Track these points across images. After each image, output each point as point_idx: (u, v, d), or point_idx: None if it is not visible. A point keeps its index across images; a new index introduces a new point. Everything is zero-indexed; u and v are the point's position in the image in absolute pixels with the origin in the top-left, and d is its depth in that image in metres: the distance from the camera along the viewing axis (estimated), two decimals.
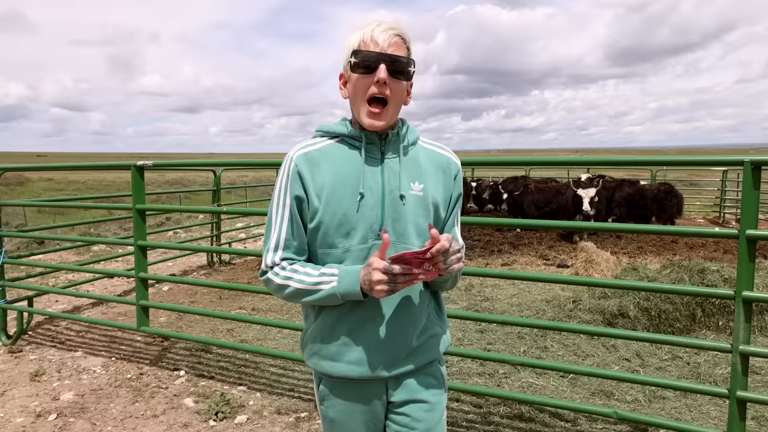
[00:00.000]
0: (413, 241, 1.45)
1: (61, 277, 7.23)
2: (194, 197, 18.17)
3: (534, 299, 5.68)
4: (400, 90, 1.41)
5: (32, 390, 3.93)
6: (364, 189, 1.42)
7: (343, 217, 1.41)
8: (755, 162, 2.21)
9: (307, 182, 1.43)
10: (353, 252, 1.42)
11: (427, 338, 1.53)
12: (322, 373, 1.53)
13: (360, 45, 1.39)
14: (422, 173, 1.49)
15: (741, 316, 2.33)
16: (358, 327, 1.45)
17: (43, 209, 15.94)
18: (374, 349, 1.45)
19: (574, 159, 3.00)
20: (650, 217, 10.47)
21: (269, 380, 4.04)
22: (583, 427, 3.21)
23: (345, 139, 1.49)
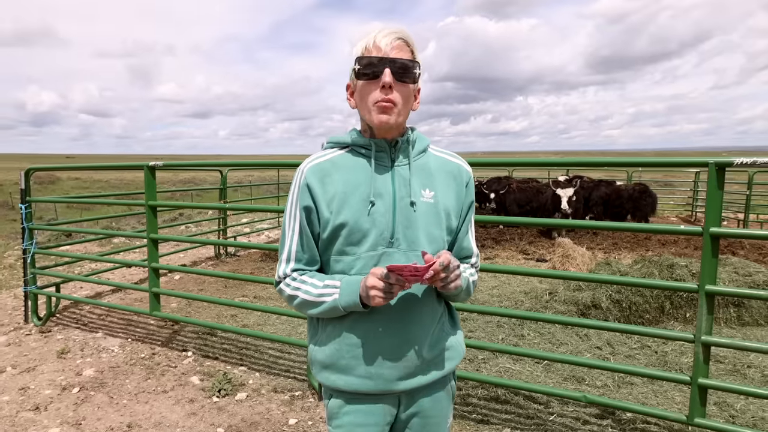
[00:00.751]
0: (425, 248, 1.32)
1: (86, 266, 7.22)
2: (205, 195, 18.16)
3: (513, 291, 5.59)
4: (407, 93, 1.29)
5: (59, 366, 3.96)
6: (374, 196, 1.30)
7: (354, 224, 1.29)
8: (719, 164, 2.12)
9: (317, 194, 1.32)
10: (363, 259, 1.30)
11: (442, 350, 1.39)
12: (334, 389, 1.38)
13: (363, 52, 1.28)
14: (433, 180, 1.37)
15: (704, 308, 2.25)
16: (368, 338, 1.31)
17: (71, 205, 15.91)
18: (387, 361, 1.31)
19: (552, 160, 2.92)
20: (626, 216, 10.34)
21: (267, 361, 3.99)
22: (555, 410, 3.14)
23: (355, 148, 1.37)
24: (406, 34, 1.28)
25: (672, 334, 2.44)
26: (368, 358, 1.31)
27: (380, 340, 1.30)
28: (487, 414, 3.12)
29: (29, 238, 4.84)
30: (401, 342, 1.31)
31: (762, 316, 4.47)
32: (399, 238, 1.30)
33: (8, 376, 3.78)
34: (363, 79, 1.28)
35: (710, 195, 2.13)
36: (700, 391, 2.33)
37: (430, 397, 1.39)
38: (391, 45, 1.25)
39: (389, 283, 1.17)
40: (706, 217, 2.18)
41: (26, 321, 4.97)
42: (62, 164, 5.62)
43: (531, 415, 3.09)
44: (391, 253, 1.29)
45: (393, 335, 1.31)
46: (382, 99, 1.25)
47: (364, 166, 1.34)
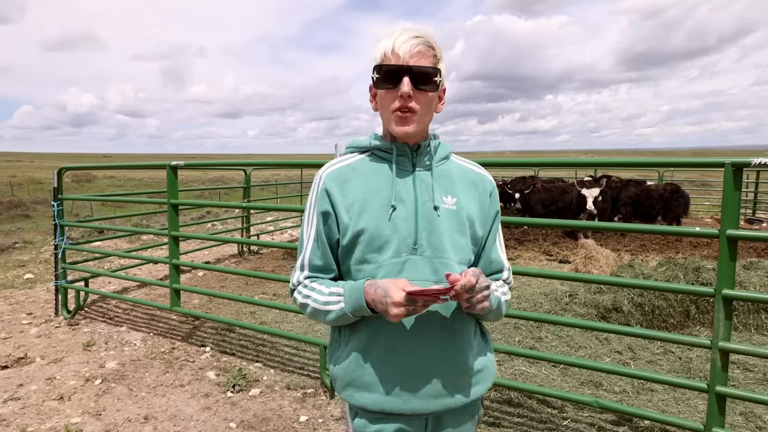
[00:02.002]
0: (450, 255, 1.25)
1: (115, 262, 7.46)
2: (232, 193, 18.56)
3: (533, 292, 5.50)
4: (426, 101, 1.23)
5: (84, 358, 4.11)
6: (396, 201, 1.25)
7: (375, 230, 1.24)
8: (736, 164, 2.03)
9: (336, 199, 1.27)
10: (386, 267, 1.23)
11: (478, 371, 1.31)
12: (358, 407, 1.29)
13: (382, 58, 1.23)
14: (455, 188, 1.31)
15: (721, 313, 2.16)
16: (392, 354, 1.23)
17: (106, 202, 16.49)
18: (412, 380, 1.23)
19: (573, 160, 2.84)
20: (656, 217, 10.02)
21: (283, 358, 4.04)
22: (569, 415, 3.07)
23: (375, 152, 1.32)
24: (427, 38, 1.22)
25: (688, 340, 2.35)
26: (393, 375, 1.24)
27: (405, 356, 1.23)
28: (498, 417, 3.08)
29: (60, 234, 5.04)
30: (432, 359, 1.24)
31: None
32: (423, 244, 1.24)
33: (37, 366, 3.95)
34: (382, 88, 1.23)
35: (727, 196, 2.05)
36: (718, 399, 2.24)
37: (456, 424, 1.31)
38: (410, 52, 1.19)
39: (411, 306, 1.10)
40: (722, 219, 2.09)
41: (56, 314, 5.17)
42: (96, 163, 5.84)
43: (544, 419, 3.04)
44: (415, 261, 1.23)
45: (418, 352, 1.23)
46: (401, 107, 1.21)
47: (385, 171, 1.29)
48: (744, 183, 12.69)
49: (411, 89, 1.19)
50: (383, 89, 1.23)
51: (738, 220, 2.08)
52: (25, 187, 24.12)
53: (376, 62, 1.24)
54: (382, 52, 1.22)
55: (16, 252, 8.79)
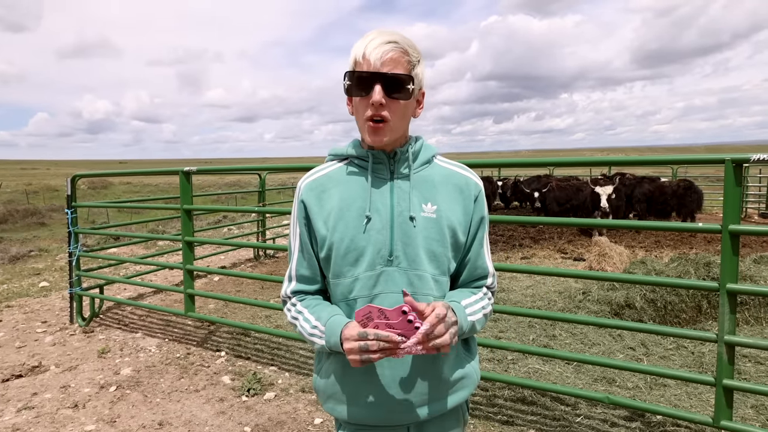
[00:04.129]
0: (426, 267, 1.23)
1: (131, 268, 7.60)
2: (248, 197, 18.77)
3: (547, 290, 5.54)
4: (399, 109, 1.19)
5: (99, 365, 4.17)
6: (371, 211, 1.22)
7: (350, 242, 1.22)
8: (736, 160, 2.08)
9: (313, 211, 1.27)
10: (361, 280, 1.22)
11: (458, 379, 1.30)
12: (341, 420, 1.31)
13: (354, 64, 1.19)
14: (436, 194, 1.26)
15: (726, 307, 2.21)
16: (374, 366, 1.23)
17: (122, 209, 16.81)
18: (394, 391, 1.23)
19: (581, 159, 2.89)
20: (670, 213, 10.03)
21: (298, 362, 4.13)
22: (582, 411, 3.12)
23: (353, 160, 1.30)
24: (402, 43, 1.17)
25: (694, 334, 2.40)
26: (374, 387, 1.23)
27: (387, 368, 1.23)
28: (512, 415, 3.14)
29: (75, 241, 5.11)
30: (410, 370, 1.23)
31: None
32: (399, 255, 1.21)
33: (52, 374, 4.01)
34: (353, 95, 1.21)
35: (728, 192, 2.10)
36: (726, 392, 2.28)
37: (440, 429, 1.32)
38: (382, 58, 1.15)
39: (366, 342, 1.07)
40: (724, 214, 2.14)
41: (71, 321, 5.25)
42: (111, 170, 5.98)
43: (557, 416, 3.09)
44: (390, 273, 1.21)
45: (400, 363, 1.23)
46: (373, 116, 1.18)
47: (362, 180, 1.26)
48: (757, 178, 12.66)
49: (383, 97, 1.15)
50: (356, 96, 1.20)
51: (739, 214, 2.13)
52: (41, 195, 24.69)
53: (349, 67, 1.21)
54: (354, 58, 1.19)
55: (32, 260, 8.95)
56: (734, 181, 2.08)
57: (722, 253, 2.16)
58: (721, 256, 2.16)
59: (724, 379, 2.27)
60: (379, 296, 1.22)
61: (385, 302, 1.20)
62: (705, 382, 2.37)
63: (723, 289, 2.19)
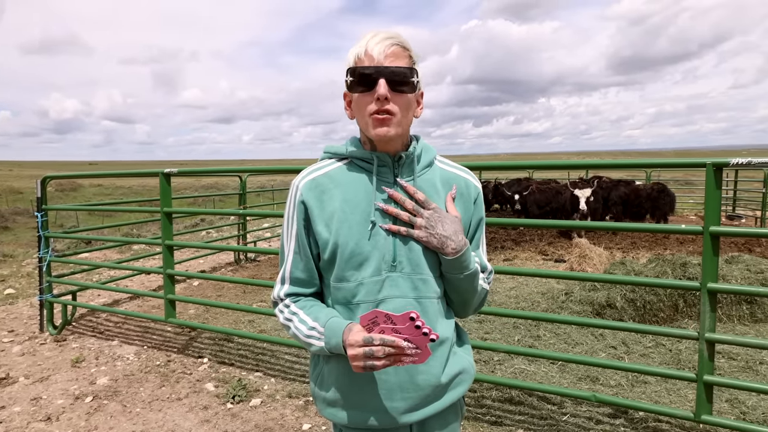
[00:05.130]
0: (429, 271, 1.24)
1: (104, 274, 7.35)
2: (227, 200, 18.49)
3: (531, 291, 5.66)
4: (404, 103, 1.19)
5: (73, 375, 4.04)
6: (375, 216, 1.22)
7: (355, 247, 1.21)
8: (716, 164, 2.18)
9: (314, 212, 1.25)
10: (366, 285, 1.21)
11: (456, 375, 1.32)
12: (343, 426, 1.30)
13: (356, 61, 1.19)
14: (439, 198, 1.27)
15: (706, 305, 2.31)
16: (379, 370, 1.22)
17: (93, 212, 16.37)
18: (397, 394, 1.23)
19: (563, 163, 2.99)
20: (645, 215, 10.35)
21: (283, 367, 4.10)
22: (568, 410, 3.20)
23: (355, 161, 1.28)
24: (401, 39, 1.20)
25: (676, 332, 2.50)
26: (376, 391, 1.23)
27: (391, 373, 1.23)
28: (501, 416, 3.19)
29: (45, 246, 4.92)
30: (412, 372, 1.24)
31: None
32: (402, 261, 1.22)
33: (21, 386, 3.84)
34: (357, 92, 1.20)
35: (708, 195, 2.20)
36: (706, 388, 2.38)
37: (442, 425, 1.34)
38: (384, 53, 1.16)
39: (372, 348, 1.06)
40: (705, 217, 2.24)
41: (41, 330, 5.06)
42: (81, 172, 5.78)
43: (544, 415, 3.16)
44: (394, 278, 1.22)
45: (404, 367, 1.22)
46: (378, 110, 1.17)
47: (365, 182, 1.25)
48: (724, 182, 13.20)
49: (388, 91, 1.16)
50: (358, 93, 1.20)
51: (719, 216, 2.23)
52: (3, 198, 23.71)
53: (349, 65, 1.21)
54: (355, 55, 1.19)
55: None
56: (714, 184, 2.18)
57: (703, 253, 2.26)
58: (703, 256, 2.26)
59: (705, 375, 2.37)
60: (384, 301, 1.23)
61: (390, 307, 1.21)
62: (687, 378, 2.47)
63: (704, 289, 2.29)
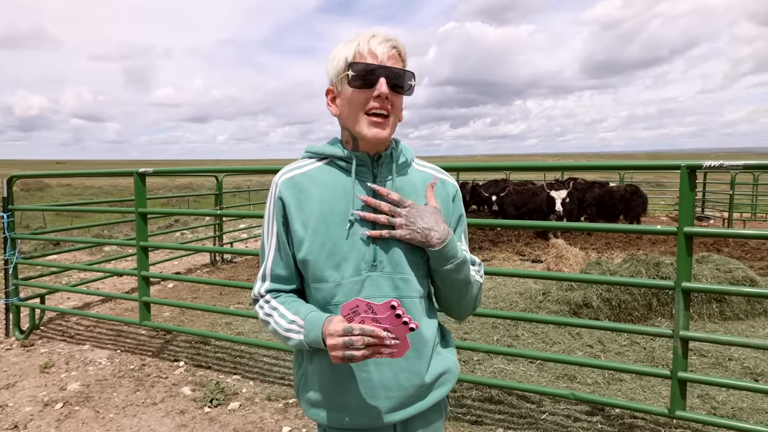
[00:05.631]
0: (410, 270, 1.25)
1: (74, 276, 7.18)
2: (202, 201, 18.18)
3: (509, 292, 5.72)
4: (399, 104, 1.23)
5: (41, 381, 3.92)
6: (354, 216, 1.22)
7: (333, 246, 1.21)
8: (690, 166, 2.25)
9: (291, 210, 1.24)
10: (345, 286, 1.21)
11: (440, 374, 1.32)
12: (327, 426, 1.30)
13: (356, 57, 1.18)
14: (418, 197, 1.28)
15: (681, 304, 2.37)
16: (360, 370, 1.23)
17: (61, 213, 15.88)
18: (381, 394, 1.24)
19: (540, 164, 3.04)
20: (618, 216, 10.60)
21: (262, 369, 4.05)
22: (547, 408, 3.25)
23: (335, 161, 1.28)
24: (400, 43, 1.22)
25: (652, 331, 2.56)
26: (361, 391, 1.24)
27: (374, 372, 1.23)
28: (481, 415, 3.22)
29: (11, 248, 4.77)
30: (397, 372, 1.24)
31: (742, 311, 4.70)
32: (382, 261, 1.23)
33: None
34: (355, 86, 1.19)
35: (683, 196, 2.26)
36: (680, 384, 2.45)
37: (426, 424, 1.35)
38: (387, 54, 1.18)
39: (351, 338, 1.05)
40: (679, 217, 2.31)
41: (7, 335, 4.89)
42: (48, 171, 5.62)
43: (524, 414, 3.20)
44: (375, 278, 1.22)
45: (387, 365, 1.24)
46: (377, 108, 1.19)
47: (344, 182, 1.26)
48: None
49: (388, 90, 1.17)
50: (355, 88, 1.19)
51: (693, 218, 2.30)
52: None
53: (349, 60, 1.19)
54: (356, 51, 1.19)
55: None
56: (689, 186, 2.25)
57: (678, 253, 2.32)
58: (677, 256, 2.33)
59: (679, 371, 2.43)
60: None
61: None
62: (662, 375, 2.54)
63: (678, 288, 2.35)
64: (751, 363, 3.76)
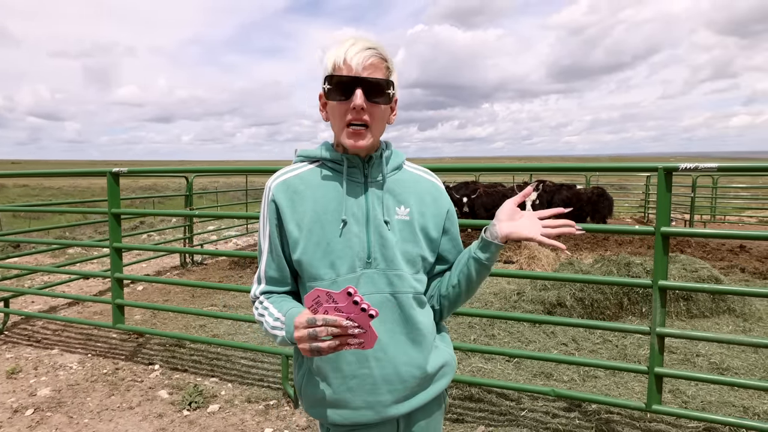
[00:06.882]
0: (403, 266, 1.28)
1: (37, 279, 6.91)
2: (167, 202, 17.72)
3: (483, 292, 5.79)
4: (379, 113, 1.23)
5: (8, 387, 3.78)
6: (347, 215, 1.25)
7: (327, 246, 1.24)
8: (667, 168, 2.34)
9: (285, 213, 1.27)
10: (341, 283, 1.23)
11: (439, 367, 1.36)
12: (330, 424, 1.30)
13: (334, 68, 1.20)
14: (408, 197, 1.32)
15: (657, 302, 2.46)
16: (362, 366, 1.25)
17: (18, 214, 15.19)
18: (384, 388, 1.25)
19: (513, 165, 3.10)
20: (586, 218, 10.86)
21: (240, 371, 3.99)
22: (526, 405, 3.31)
23: (326, 163, 1.31)
24: (380, 49, 1.21)
25: (630, 328, 2.66)
26: (364, 387, 1.25)
27: (374, 367, 1.25)
28: (462, 413, 3.25)
29: None
30: (397, 365, 1.26)
31: (708, 309, 4.89)
32: (376, 257, 1.26)
33: None
34: (333, 100, 1.22)
35: (660, 197, 2.36)
36: (657, 379, 2.54)
37: (427, 416, 1.38)
38: (363, 63, 1.18)
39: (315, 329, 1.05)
40: (657, 218, 2.40)
41: None
42: (2, 171, 5.40)
43: (504, 411, 3.25)
44: (369, 274, 1.25)
45: (388, 360, 1.25)
46: (354, 120, 1.20)
47: (336, 184, 1.28)
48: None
49: (364, 102, 1.18)
50: (335, 101, 1.22)
51: (669, 218, 2.40)
52: None
53: (327, 72, 1.21)
54: (333, 62, 1.20)
55: None
56: (666, 187, 2.34)
57: (655, 253, 2.42)
58: (654, 255, 2.42)
59: (656, 367, 2.52)
60: None
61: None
62: (639, 371, 2.63)
63: (656, 286, 2.44)
64: (717, 359, 3.92)
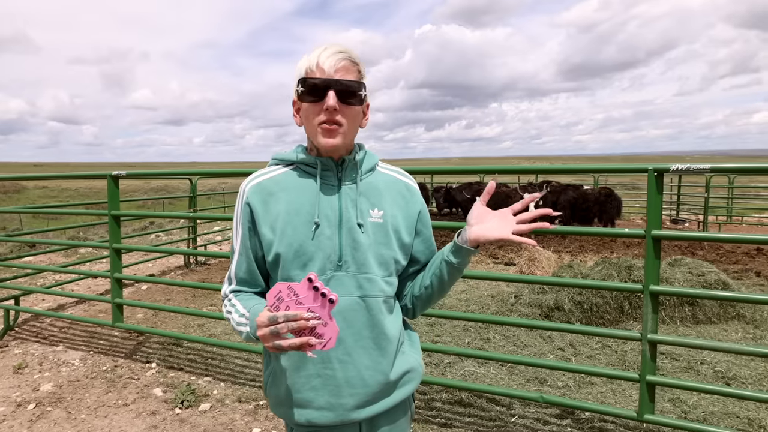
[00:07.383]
0: (375, 270, 1.27)
1: (49, 278, 7.02)
2: (176, 203, 17.86)
3: (480, 295, 5.67)
4: (351, 114, 1.24)
5: (14, 382, 3.85)
6: (319, 218, 1.25)
7: (299, 247, 1.23)
8: (658, 169, 2.23)
9: (258, 215, 1.27)
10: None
11: (404, 373, 1.35)
12: (293, 424, 1.31)
13: (307, 72, 1.22)
14: (381, 199, 1.32)
15: (649, 307, 2.34)
16: (326, 367, 1.25)
17: (37, 215, 15.45)
18: (346, 390, 1.26)
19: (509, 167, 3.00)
20: (593, 219, 10.62)
21: (233, 371, 3.96)
22: (516, 411, 3.20)
23: (300, 166, 1.31)
24: (351, 54, 1.23)
25: (620, 333, 2.54)
26: (327, 388, 1.25)
27: (339, 370, 1.25)
28: (450, 418, 3.16)
29: None
30: (361, 369, 1.26)
31: (714, 314, 4.65)
32: (348, 260, 1.25)
33: None
34: (306, 102, 1.23)
35: (650, 199, 2.24)
36: (649, 387, 2.42)
37: (390, 422, 1.36)
38: (335, 66, 1.20)
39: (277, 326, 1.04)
40: (647, 221, 2.28)
41: None
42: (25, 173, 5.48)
43: (493, 417, 3.14)
44: (340, 277, 1.24)
45: (352, 363, 1.25)
46: (327, 120, 1.21)
47: (309, 186, 1.28)
48: (668, 186, 13.62)
49: (336, 103, 1.19)
50: (308, 103, 1.23)
51: (661, 221, 2.28)
52: None
53: (300, 76, 1.23)
54: (306, 67, 1.22)
55: None
56: (656, 189, 2.23)
57: (646, 256, 2.30)
58: (645, 259, 2.30)
59: (648, 375, 2.40)
60: None
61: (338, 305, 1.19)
62: (630, 378, 2.51)
63: (646, 291, 2.32)
64: (723, 367, 3.70)
